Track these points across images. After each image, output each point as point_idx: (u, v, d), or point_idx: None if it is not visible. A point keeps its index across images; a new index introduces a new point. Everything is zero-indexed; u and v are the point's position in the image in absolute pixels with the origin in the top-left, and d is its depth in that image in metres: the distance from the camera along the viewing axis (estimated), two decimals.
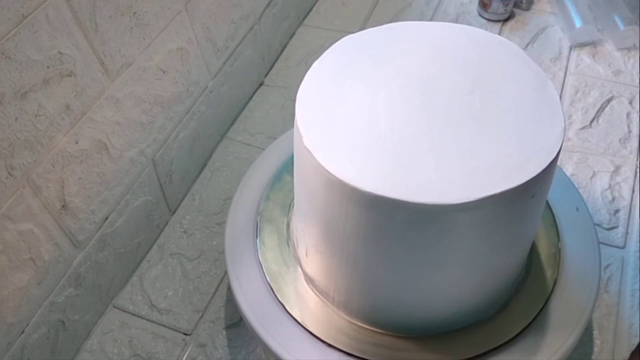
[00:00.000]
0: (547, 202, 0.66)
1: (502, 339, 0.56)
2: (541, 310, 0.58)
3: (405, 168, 0.45)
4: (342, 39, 0.56)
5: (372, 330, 0.57)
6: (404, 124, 0.48)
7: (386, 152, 0.46)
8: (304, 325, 0.57)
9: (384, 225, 0.46)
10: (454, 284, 0.52)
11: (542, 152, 0.46)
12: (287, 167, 0.70)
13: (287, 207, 0.66)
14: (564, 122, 0.48)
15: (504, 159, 0.46)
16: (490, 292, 0.56)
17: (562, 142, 0.47)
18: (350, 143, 0.47)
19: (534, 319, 0.57)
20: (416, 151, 0.46)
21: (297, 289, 0.60)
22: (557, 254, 0.62)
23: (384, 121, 0.48)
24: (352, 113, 0.49)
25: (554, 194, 0.66)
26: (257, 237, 0.64)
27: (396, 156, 0.46)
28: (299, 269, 0.61)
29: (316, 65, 0.53)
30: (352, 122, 0.48)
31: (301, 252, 0.60)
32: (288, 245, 0.63)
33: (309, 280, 0.60)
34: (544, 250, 0.62)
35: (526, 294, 0.59)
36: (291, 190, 0.66)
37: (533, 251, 0.62)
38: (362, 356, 0.55)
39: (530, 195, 0.47)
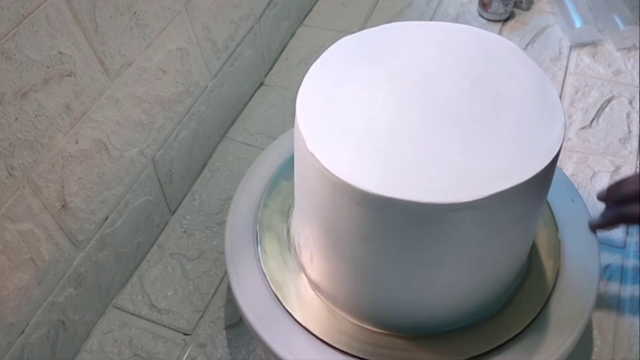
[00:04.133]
0: (547, 203, 0.66)
1: (503, 338, 0.56)
2: (542, 310, 0.58)
3: (409, 168, 0.45)
4: (342, 39, 0.56)
5: (373, 330, 0.57)
6: (404, 124, 0.48)
7: (388, 152, 0.46)
8: (304, 325, 0.57)
9: (389, 226, 0.46)
10: (456, 283, 0.52)
11: (543, 152, 0.46)
12: (287, 165, 0.70)
13: (287, 208, 0.66)
14: (564, 122, 0.48)
15: (504, 159, 0.45)
16: (491, 292, 0.56)
17: (562, 142, 0.47)
18: (353, 145, 0.47)
19: (534, 318, 0.57)
20: (418, 151, 0.46)
21: (297, 289, 0.60)
22: (557, 254, 0.62)
23: (385, 122, 0.48)
24: (353, 114, 0.49)
25: (554, 194, 0.66)
26: (256, 236, 0.64)
27: (399, 157, 0.46)
28: (299, 268, 0.61)
29: (315, 67, 0.53)
30: (353, 124, 0.48)
31: (305, 258, 0.59)
32: (288, 246, 0.63)
33: (313, 284, 0.60)
34: (543, 250, 0.62)
35: (526, 294, 0.59)
36: (290, 192, 0.66)
37: (533, 251, 0.62)
38: (363, 356, 0.55)
39: (531, 195, 0.47)
